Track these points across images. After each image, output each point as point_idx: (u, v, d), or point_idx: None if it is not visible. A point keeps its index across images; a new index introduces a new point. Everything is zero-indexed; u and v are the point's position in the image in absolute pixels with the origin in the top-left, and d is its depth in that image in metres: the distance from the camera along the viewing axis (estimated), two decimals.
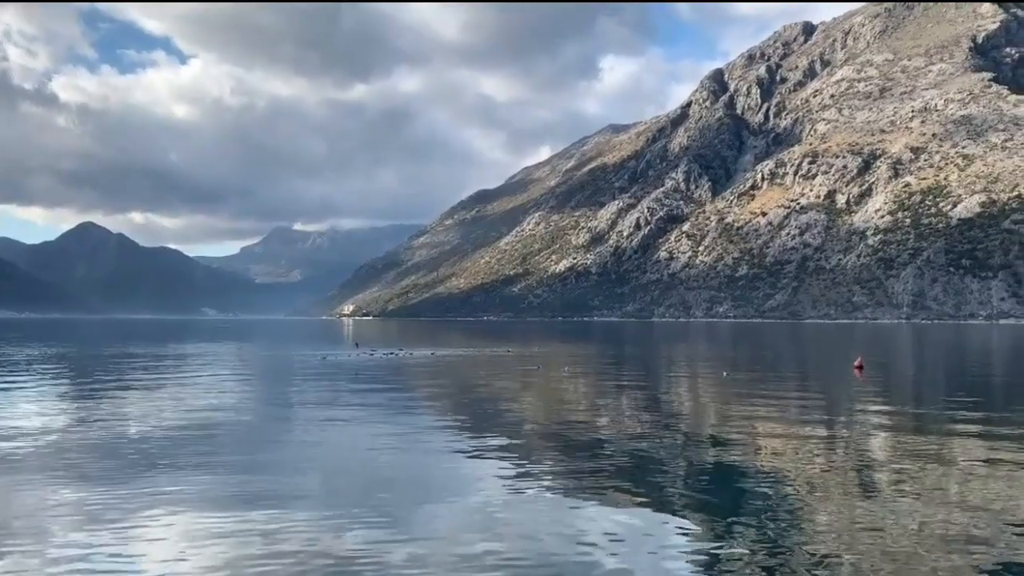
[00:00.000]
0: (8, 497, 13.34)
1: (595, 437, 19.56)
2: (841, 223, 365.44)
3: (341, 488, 14.23)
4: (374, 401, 27.68)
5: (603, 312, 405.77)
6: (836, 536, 11.11)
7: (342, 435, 19.95)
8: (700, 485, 14.39)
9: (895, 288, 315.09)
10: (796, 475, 14.89)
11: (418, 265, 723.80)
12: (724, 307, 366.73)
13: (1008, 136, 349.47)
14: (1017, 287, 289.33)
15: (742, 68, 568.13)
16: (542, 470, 15.57)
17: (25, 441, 18.58)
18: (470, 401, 29.11)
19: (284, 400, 29.71)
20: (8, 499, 13.22)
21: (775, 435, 19.79)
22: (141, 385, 33.73)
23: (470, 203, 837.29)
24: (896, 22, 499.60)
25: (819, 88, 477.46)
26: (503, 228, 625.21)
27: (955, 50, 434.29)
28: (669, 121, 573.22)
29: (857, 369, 41.90)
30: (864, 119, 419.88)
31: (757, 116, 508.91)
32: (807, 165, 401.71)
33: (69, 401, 28.23)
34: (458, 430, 21.16)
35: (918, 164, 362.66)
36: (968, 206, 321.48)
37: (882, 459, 16.68)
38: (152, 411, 24.38)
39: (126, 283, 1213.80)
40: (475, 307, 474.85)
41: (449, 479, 14.88)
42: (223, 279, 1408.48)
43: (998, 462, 15.98)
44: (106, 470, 15.37)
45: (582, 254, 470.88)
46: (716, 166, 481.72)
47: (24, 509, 12.53)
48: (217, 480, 14.46)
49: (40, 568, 9.86)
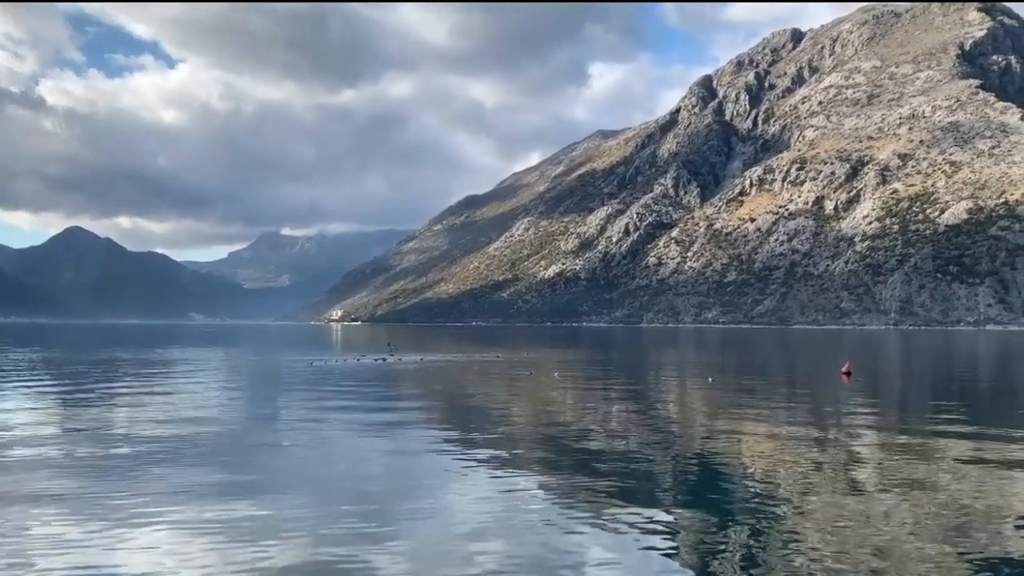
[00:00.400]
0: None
1: (586, 440, 19.53)
2: (829, 229, 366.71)
3: (327, 500, 14.16)
4: (363, 408, 27.60)
5: (592, 318, 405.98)
6: (824, 535, 11.11)
7: (331, 446, 19.85)
8: (689, 487, 14.40)
9: (883, 294, 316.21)
10: (784, 478, 14.90)
11: (407, 270, 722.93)
12: (713, 313, 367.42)
13: (995, 143, 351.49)
14: (1004, 294, 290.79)
15: (731, 74, 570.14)
16: (534, 476, 15.53)
17: (5, 446, 18.45)
18: (462, 407, 29.05)
19: (270, 407, 29.59)
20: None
21: (763, 440, 19.80)
22: (125, 391, 33.57)
23: (459, 208, 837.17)
24: (884, 29, 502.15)
25: (807, 95, 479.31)
26: (492, 233, 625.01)
27: (942, 57, 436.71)
28: (658, 127, 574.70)
29: (845, 375, 41.96)
30: (852, 126, 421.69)
31: (746, 122, 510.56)
32: (795, 171, 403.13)
33: (53, 406, 28.07)
34: (452, 437, 21.10)
35: (906, 171, 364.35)
36: (955, 213, 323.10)
37: (869, 462, 16.71)
38: (135, 417, 24.25)
39: (113, 288, 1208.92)
40: (464, 312, 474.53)
41: (439, 484, 14.83)
42: (211, 284, 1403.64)
43: (984, 463, 16.05)
44: (89, 476, 15.27)
45: (571, 260, 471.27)
46: (705, 172, 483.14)
47: (2, 517, 12.42)
48: (199, 487, 14.38)
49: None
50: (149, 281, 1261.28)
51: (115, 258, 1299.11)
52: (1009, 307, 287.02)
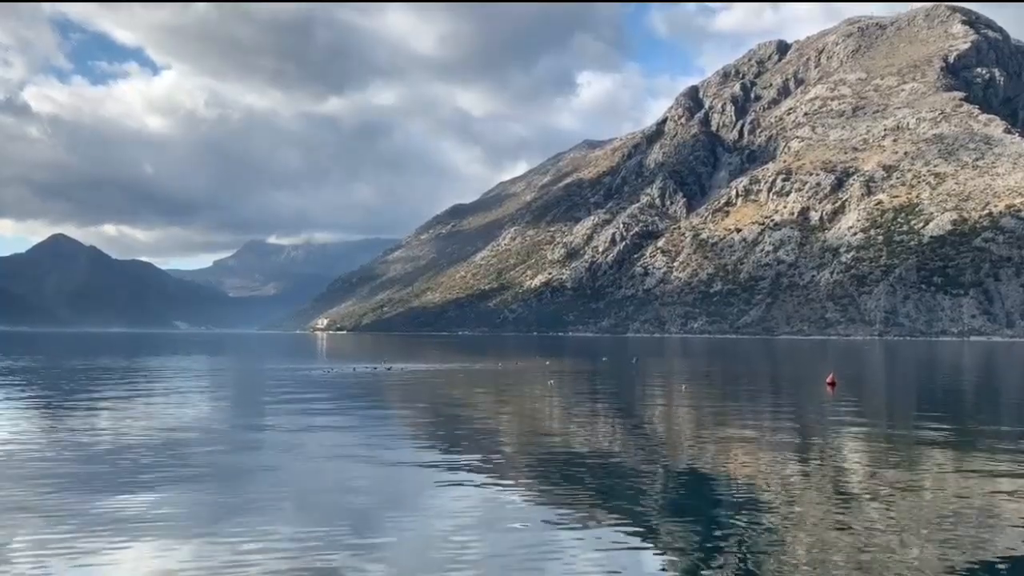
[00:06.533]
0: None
1: (572, 448, 19.53)
2: (814, 240, 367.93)
3: (315, 511, 14.15)
4: (366, 422, 27.57)
5: (578, 328, 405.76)
6: (808, 543, 11.16)
7: (340, 468, 19.80)
8: (673, 496, 14.45)
9: (868, 305, 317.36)
10: (768, 487, 14.95)
11: (393, 279, 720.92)
12: (699, 323, 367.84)
13: (979, 155, 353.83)
14: (988, 305, 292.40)
15: (717, 85, 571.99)
16: (539, 492, 15.54)
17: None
18: (464, 418, 29.03)
19: (255, 419, 29.51)
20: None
21: (748, 450, 19.87)
22: (107, 399, 33.42)
23: (446, 217, 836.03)
24: (869, 41, 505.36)
25: (793, 106, 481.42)
26: (479, 243, 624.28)
27: (927, 70, 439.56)
28: (644, 137, 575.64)
29: (829, 385, 42.12)
30: (837, 137, 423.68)
31: (732, 133, 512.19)
32: (781, 182, 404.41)
33: (33, 416, 27.92)
34: (456, 448, 21.07)
35: (890, 182, 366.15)
36: (940, 224, 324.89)
37: (854, 471, 16.79)
38: (115, 427, 24.16)
39: (97, 296, 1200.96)
40: (450, 322, 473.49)
41: (430, 495, 14.82)
42: (196, 292, 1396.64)
43: (967, 472, 16.14)
44: (68, 486, 15.20)
45: (557, 269, 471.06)
46: (691, 182, 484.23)
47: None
48: (180, 499, 14.34)
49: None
50: (133, 289, 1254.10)
51: (99, 266, 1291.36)
52: (993, 318, 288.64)
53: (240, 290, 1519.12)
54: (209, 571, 10.06)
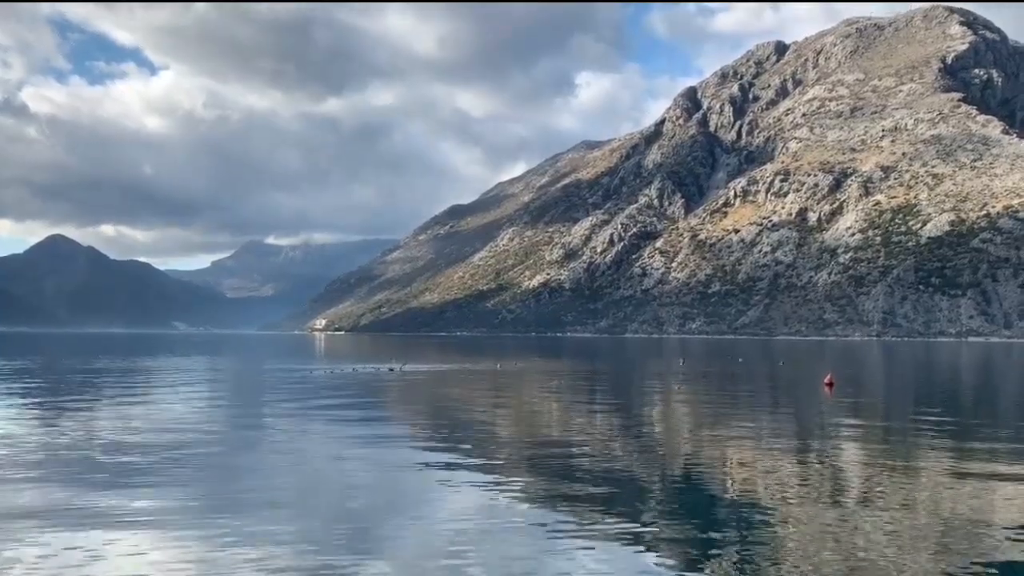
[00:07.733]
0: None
1: (570, 448, 19.58)
2: (812, 241, 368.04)
3: (314, 512, 14.19)
4: (367, 418, 27.59)
5: (576, 328, 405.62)
6: (805, 546, 11.21)
7: (340, 469, 19.82)
8: (671, 498, 14.50)
9: (866, 306, 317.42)
10: (766, 489, 15.01)
11: (391, 280, 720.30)
12: (697, 323, 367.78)
13: (977, 156, 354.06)
14: (986, 305, 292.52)
15: (715, 86, 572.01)
16: (536, 492, 15.59)
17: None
18: (471, 419, 29.05)
19: (254, 418, 29.54)
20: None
21: (745, 451, 19.92)
22: (105, 400, 33.44)
23: (444, 218, 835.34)
24: (867, 42, 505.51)
25: (791, 107, 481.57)
26: (477, 243, 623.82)
27: (925, 71, 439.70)
28: (643, 138, 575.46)
29: (827, 386, 42.17)
30: (835, 138, 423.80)
31: (730, 134, 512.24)
32: (779, 183, 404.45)
33: (32, 417, 27.92)
34: (463, 447, 21.10)
35: (888, 183, 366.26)
36: (938, 225, 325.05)
37: (851, 473, 16.84)
38: (113, 428, 24.18)
39: (96, 297, 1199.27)
40: (448, 322, 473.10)
41: (431, 496, 14.86)
42: (194, 293, 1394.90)
43: (965, 475, 16.20)
44: (67, 486, 15.24)
45: (556, 270, 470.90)
46: (689, 183, 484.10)
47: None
48: (181, 501, 14.38)
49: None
50: (132, 290, 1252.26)
51: (98, 267, 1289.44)
52: (991, 319, 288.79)
53: (238, 291, 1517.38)
54: (209, 571, 10.12)
